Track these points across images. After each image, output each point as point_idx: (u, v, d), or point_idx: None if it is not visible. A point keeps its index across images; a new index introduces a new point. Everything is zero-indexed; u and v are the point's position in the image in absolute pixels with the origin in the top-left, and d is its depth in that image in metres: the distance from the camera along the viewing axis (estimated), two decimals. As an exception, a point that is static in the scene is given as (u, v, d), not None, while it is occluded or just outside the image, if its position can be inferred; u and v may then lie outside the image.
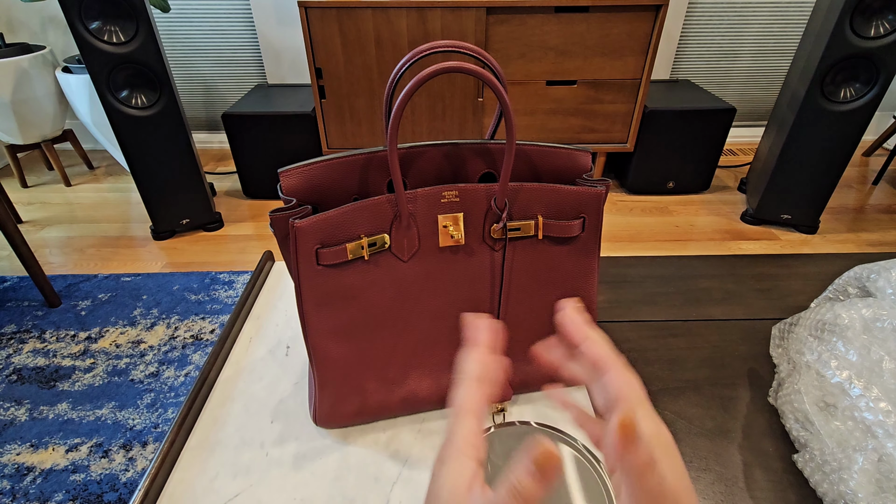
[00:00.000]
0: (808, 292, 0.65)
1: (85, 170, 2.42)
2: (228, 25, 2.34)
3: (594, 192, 0.44)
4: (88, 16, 1.47)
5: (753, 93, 2.54)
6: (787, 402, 0.47)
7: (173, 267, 1.73)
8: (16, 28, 2.31)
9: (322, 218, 0.39)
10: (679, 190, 2.13)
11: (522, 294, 0.47)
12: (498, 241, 0.44)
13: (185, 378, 1.29)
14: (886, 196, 2.15)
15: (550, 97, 1.93)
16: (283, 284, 0.68)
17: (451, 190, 0.42)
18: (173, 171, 1.75)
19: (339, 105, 1.91)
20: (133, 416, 1.20)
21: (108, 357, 1.36)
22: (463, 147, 0.44)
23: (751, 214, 1.92)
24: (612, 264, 0.71)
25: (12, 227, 1.43)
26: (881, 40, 1.49)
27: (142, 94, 1.62)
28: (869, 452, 0.38)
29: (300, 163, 0.40)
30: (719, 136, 1.98)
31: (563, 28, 1.78)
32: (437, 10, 1.72)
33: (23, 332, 1.44)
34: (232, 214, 2.02)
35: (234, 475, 0.44)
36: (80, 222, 2.00)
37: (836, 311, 0.47)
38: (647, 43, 1.82)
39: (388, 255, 0.42)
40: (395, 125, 0.37)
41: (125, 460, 1.10)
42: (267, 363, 0.56)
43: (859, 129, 1.63)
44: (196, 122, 2.61)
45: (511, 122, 0.38)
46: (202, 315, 1.50)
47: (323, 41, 1.78)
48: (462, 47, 0.39)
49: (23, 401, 1.24)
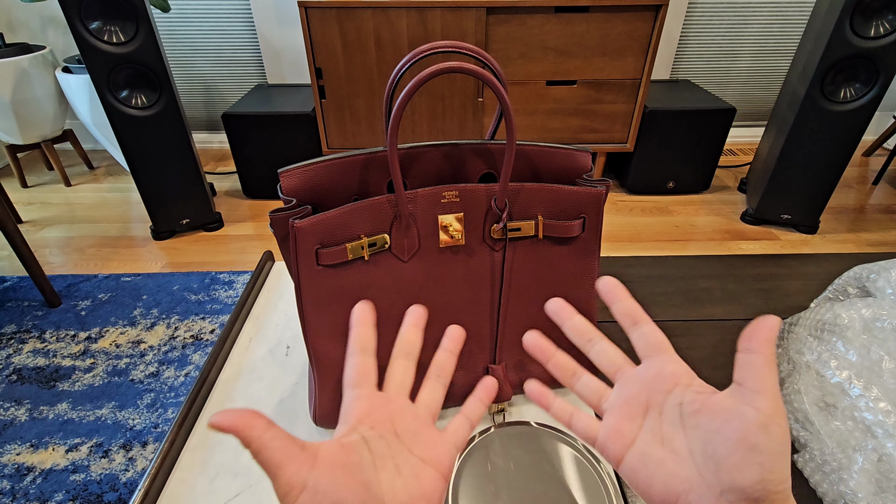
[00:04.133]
0: (808, 292, 0.65)
1: (85, 170, 2.42)
2: (228, 25, 2.34)
3: (594, 192, 0.44)
4: (88, 16, 1.47)
5: (753, 93, 2.54)
6: (786, 402, 0.47)
7: (173, 267, 1.73)
8: (16, 28, 2.31)
9: (322, 218, 0.39)
10: (679, 190, 2.13)
11: (522, 294, 0.47)
12: (498, 242, 0.44)
13: (185, 378, 1.29)
14: (886, 196, 2.15)
15: (550, 97, 1.93)
16: (283, 284, 0.68)
17: (452, 190, 0.42)
18: (173, 171, 1.75)
19: (339, 105, 1.91)
20: (133, 416, 1.20)
21: (108, 357, 1.36)
22: (463, 147, 0.44)
23: (751, 214, 1.92)
24: (612, 264, 0.71)
25: (12, 227, 1.43)
26: (881, 40, 1.49)
27: (142, 94, 1.62)
28: (869, 452, 0.38)
29: (300, 163, 0.40)
30: (719, 136, 1.98)
31: (563, 28, 1.78)
32: (437, 11, 1.72)
33: (23, 332, 1.44)
34: (232, 214, 2.02)
35: (234, 475, 0.44)
36: (80, 222, 2.00)
37: (836, 311, 0.47)
38: (647, 43, 1.82)
39: (389, 256, 0.42)
40: (396, 125, 0.37)
41: (125, 460, 1.10)
42: (267, 363, 0.56)
43: (859, 129, 1.63)
44: (196, 122, 2.61)
45: (511, 123, 0.38)
46: (202, 315, 1.50)
47: (323, 41, 1.78)
48: (462, 48, 0.39)
49: (23, 401, 1.24)
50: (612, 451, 0.29)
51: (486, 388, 0.32)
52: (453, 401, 0.49)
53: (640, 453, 0.27)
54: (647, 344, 0.30)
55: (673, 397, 0.28)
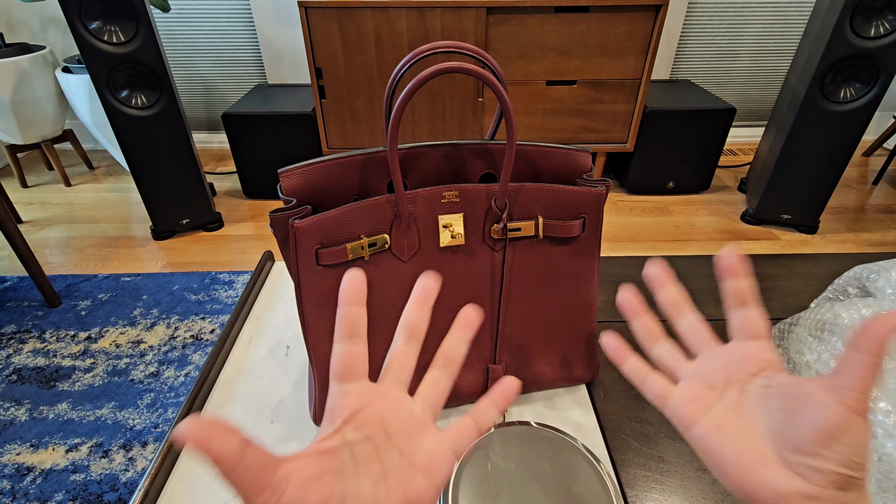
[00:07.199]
0: (808, 292, 0.65)
1: (85, 170, 2.42)
2: (228, 25, 2.34)
3: (594, 192, 0.44)
4: (88, 16, 1.47)
5: (753, 93, 2.54)
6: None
7: (173, 267, 1.73)
8: (16, 28, 2.31)
9: (322, 218, 0.39)
10: (679, 190, 2.13)
11: (523, 294, 0.47)
12: (498, 242, 0.44)
13: (185, 378, 1.29)
14: (886, 196, 2.15)
15: (550, 97, 1.93)
16: (283, 284, 0.68)
17: (452, 190, 0.42)
18: (173, 171, 1.75)
19: (339, 105, 1.91)
20: (133, 416, 1.20)
21: (108, 357, 1.36)
22: (463, 147, 0.44)
23: (751, 214, 1.92)
24: (612, 264, 0.71)
25: (12, 227, 1.43)
26: (881, 40, 1.49)
27: (142, 94, 1.62)
28: (869, 452, 0.38)
29: (300, 163, 0.40)
30: (719, 136, 1.98)
31: (563, 28, 1.78)
32: (437, 10, 1.72)
33: (23, 332, 1.44)
34: (232, 214, 2.02)
35: (235, 475, 0.44)
36: (80, 222, 2.00)
37: (836, 311, 0.47)
38: (647, 43, 1.82)
39: (389, 256, 0.42)
40: (396, 125, 0.37)
41: (125, 460, 1.10)
42: (267, 363, 0.56)
43: (859, 129, 1.63)
44: (196, 122, 2.61)
45: (511, 123, 0.38)
46: (202, 315, 1.50)
47: (323, 41, 1.78)
48: (462, 48, 0.39)
49: (23, 401, 1.24)
50: (685, 414, 0.28)
51: (504, 389, 0.29)
52: (452, 401, 0.49)
53: (715, 421, 0.27)
54: (746, 325, 0.30)
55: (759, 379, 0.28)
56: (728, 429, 0.27)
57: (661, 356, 0.32)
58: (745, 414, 0.27)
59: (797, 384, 0.26)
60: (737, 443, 0.26)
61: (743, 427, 0.27)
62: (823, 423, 0.24)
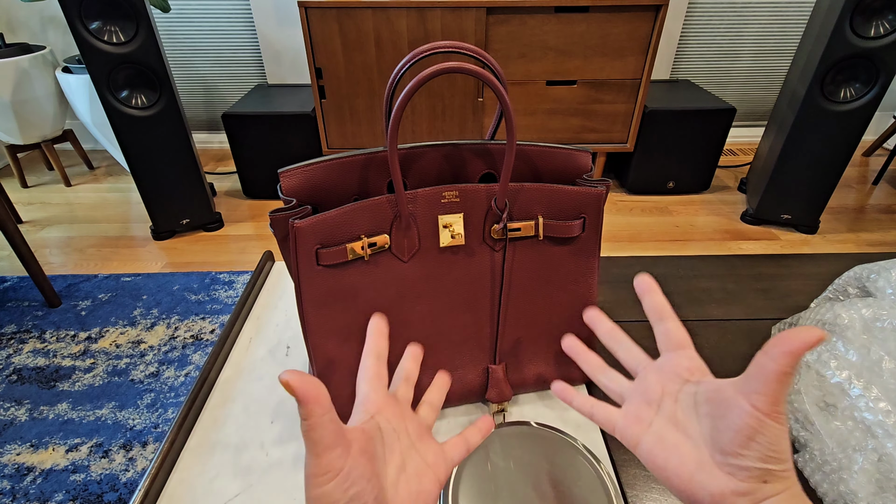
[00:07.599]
0: (808, 292, 0.65)
1: (85, 170, 2.42)
2: (228, 25, 2.34)
3: (594, 192, 0.44)
4: (88, 16, 1.47)
5: (753, 93, 2.54)
6: (786, 402, 0.47)
7: (173, 267, 1.73)
8: (16, 28, 2.31)
9: (322, 218, 0.39)
10: (679, 190, 2.13)
11: (523, 294, 0.47)
12: (498, 242, 0.44)
13: (185, 378, 1.29)
14: (886, 196, 2.15)
15: (550, 97, 1.93)
16: (283, 284, 0.68)
17: (452, 190, 0.42)
18: (173, 171, 1.75)
19: (339, 105, 1.91)
20: (133, 416, 1.20)
21: (108, 357, 1.36)
22: (463, 147, 0.44)
23: (751, 214, 1.92)
24: (612, 264, 0.71)
25: (12, 227, 1.43)
26: (881, 40, 1.49)
27: (142, 94, 1.62)
28: (869, 452, 0.38)
29: (300, 163, 0.40)
30: (719, 136, 1.98)
31: (563, 28, 1.78)
32: (437, 11, 1.72)
33: (23, 332, 1.44)
34: (232, 214, 2.02)
35: (234, 475, 0.44)
36: (80, 222, 2.00)
37: (836, 311, 0.47)
38: (647, 43, 1.82)
39: (389, 256, 0.42)
40: (396, 125, 0.37)
41: (125, 460, 1.10)
42: (267, 363, 0.56)
43: (859, 129, 1.63)
44: (196, 122, 2.61)
45: (511, 123, 0.38)
46: (202, 315, 1.50)
47: (323, 41, 1.78)
48: (462, 48, 0.39)
49: (23, 401, 1.24)
50: (631, 434, 0.30)
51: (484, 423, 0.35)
52: (452, 401, 0.49)
53: (656, 436, 0.29)
54: (668, 339, 0.32)
55: (688, 387, 0.30)
56: (668, 441, 0.29)
57: (606, 384, 0.34)
58: (680, 423, 0.29)
59: (719, 388, 0.28)
60: (676, 453, 0.28)
61: (680, 437, 0.29)
62: (739, 426, 0.25)
